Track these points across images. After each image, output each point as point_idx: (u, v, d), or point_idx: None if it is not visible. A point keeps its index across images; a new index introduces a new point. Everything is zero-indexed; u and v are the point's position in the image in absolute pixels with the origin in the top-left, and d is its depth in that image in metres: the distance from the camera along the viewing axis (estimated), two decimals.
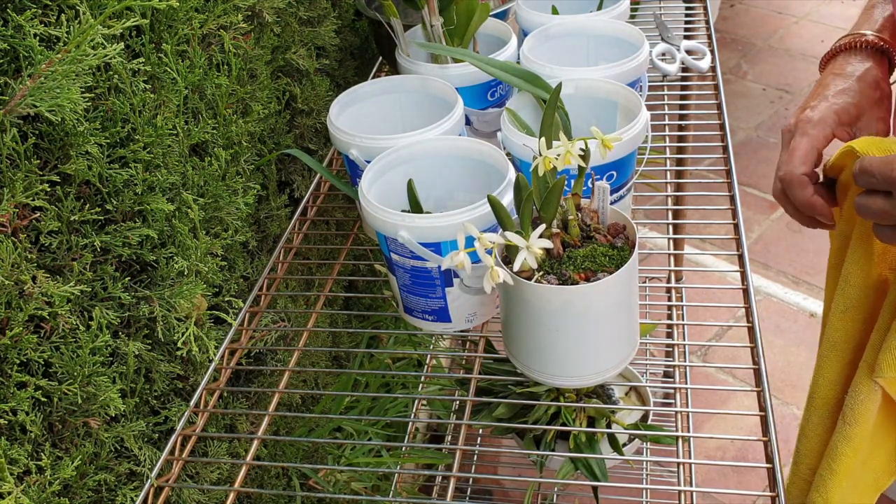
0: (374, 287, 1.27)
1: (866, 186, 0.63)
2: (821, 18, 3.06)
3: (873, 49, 0.76)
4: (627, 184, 0.82)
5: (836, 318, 0.75)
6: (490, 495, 1.63)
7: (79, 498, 0.65)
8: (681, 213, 1.51)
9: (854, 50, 0.77)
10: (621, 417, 1.17)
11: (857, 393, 0.73)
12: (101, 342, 0.63)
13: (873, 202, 0.63)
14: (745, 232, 0.85)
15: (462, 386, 1.19)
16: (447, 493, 0.68)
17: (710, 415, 1.66)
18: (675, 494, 0.68)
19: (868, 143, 0.66)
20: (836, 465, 0.75)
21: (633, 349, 0.71)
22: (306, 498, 1.00)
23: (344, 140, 0.82)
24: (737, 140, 2.49)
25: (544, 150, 0.63)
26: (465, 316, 0.77)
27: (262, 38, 0.89)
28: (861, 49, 0.77)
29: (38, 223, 0.60)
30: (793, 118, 0.74)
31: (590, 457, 1.00)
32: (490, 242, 0.61)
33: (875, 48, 0.76)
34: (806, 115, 0.73)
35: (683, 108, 1.40)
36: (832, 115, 0.72)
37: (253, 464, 0.75)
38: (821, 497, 0.77)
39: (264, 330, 0.86)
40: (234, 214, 0.82)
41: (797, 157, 0.71)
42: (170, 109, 0.72)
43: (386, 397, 1.11)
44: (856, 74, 0.75)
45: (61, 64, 0.56)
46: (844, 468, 0.75)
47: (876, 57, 0.76)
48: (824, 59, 0.80)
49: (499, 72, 0.83)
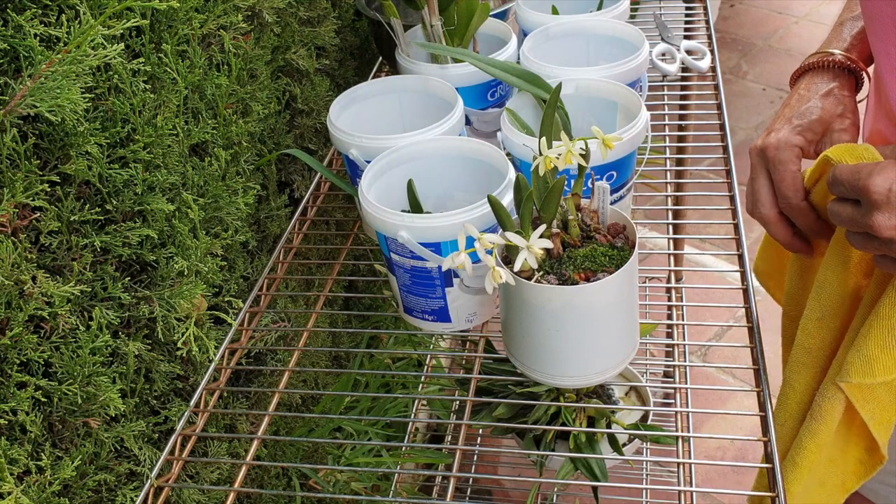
0: (374, 287, 1.27)
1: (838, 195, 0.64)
2: (821, 18, 3.06)
3: (840, 68, 0.77)
4: (627, 184, 0.82)
5: (812, 325, 0.76)
6: (490, 495, 1.63)
7: (79, 498, 0.65)
8: (681, 213, 1.51)
9: (821, 69, 0.78)
10: (621, 417, 1.17)
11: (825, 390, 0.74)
12: (101, 342, 0.63)
13: (843, 209, 0.64)
14: (745, 232, 0.85)
15: (462, 386, 1.19)
16: (447, 493, 0.68)
17: (710, 415, 1.66)
18: (675, 494, 0.68)
19: (841, 150, 0.67)
20: (799, 459, 0.76)
21: (633, 349, 0.71)
22: (306, 498, 1.00)
23: (344, 140, 0.82)
24: (737, 140, 2.49)
25: (545, 149, 0.63)
26: (465, 316, 0.77)
27: (262, 38, 0.89)
28: (828, 69, 0.78)
29: (38, 223, 0.60)
30: (759, 140, 0.75)
31: (590, 457, 1.00)
32: (490, 243, 0.61)
33: (842, 68, 0.77)
34: (771, 139, 0.74)
35: (683, 108, 1.40)
36: (797, 137, 0.74)
37: (253, 464, 0.75)
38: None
39: (264, 330, 0.86)
40: (234, 214, 0.82)
41: (788, 189, 0.72)
42: (170, 109, 0.72)
43: (386, 397, 1.11)
44: (819, 93, 0.76)
45: (61, 64, 0.56)
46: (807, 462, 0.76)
47: (842, 76, 0.77)
48: (793, 76, 0.81)
49: (499, 72, 0.83)
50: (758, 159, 0.75)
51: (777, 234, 0.76)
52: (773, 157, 0.73)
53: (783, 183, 0.72)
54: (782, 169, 0.73)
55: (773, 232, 0.76)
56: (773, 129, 0.75)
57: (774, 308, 0.90)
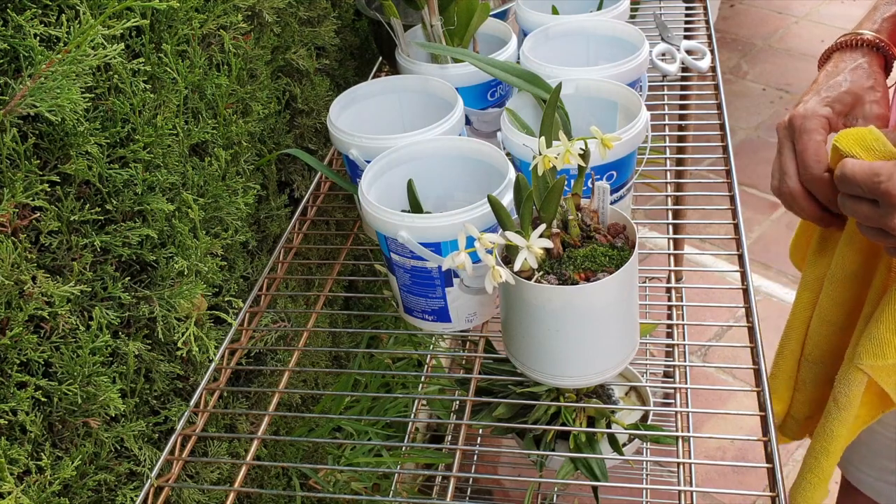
0: (374, 287, 1.27)
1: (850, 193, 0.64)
2: (821, 18, 3.06)
3: (869, 47, 0.76)
4: (627, 184, 0.82)
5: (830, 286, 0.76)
6: (490, 495, 1.63)
7: (79, 498, 0.65)
8: (681, 213, 1.51)
9: (850, 48, 0.77)
10: (621, 417, 1.17)
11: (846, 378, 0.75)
12: (101, 342, 0.63)
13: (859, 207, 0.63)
14: (745, 232, 0.85)
15: (462, 386, 1.19)
16: (447, 493, 0.68)
17: (710, 415, 1.66)
18: (675, 494, 0.68)
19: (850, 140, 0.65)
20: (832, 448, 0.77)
21: (633, 349, 0.71)
22: (306, 498, 1.00)
23: (344, 140, 0.82)
24: (737, 140, 2.49)
25: (544, 149, 0.63)
26: (465, 316, 0.77)
27: (262, 38, 0.89)
28: (857, 47, 0.77)
29: (38, 223, 0.60)
30: (787, 116, 0.74)
31: (590, 457, 1.00)
32: (491, 242, 0.61)
33: (871, 46, 0.76)
34: (799, 109, 0.72)
35: (683, 108, 1.40)
36: (825, 108, 0.72)
37: (253, 464, 0.75)
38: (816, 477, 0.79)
39: (264, 330, 0.86)
40: (234, 214, 0.82)
41: (810, 158, 0.70)
42: (170, 109, 0.72)
43: (386, 397, 1.11)
44: (847, 68, 0.75)
45: (61, 64, 0.56)
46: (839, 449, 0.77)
47: (872, 54, 0.76)
48: (822, 58, 0.80)
49: (499, 72, 0.83)
50: (784, 132, 0.73)
51: (805, 209, 0.73)
52: (799, 126, 0.71)
53: (805, 152, 0.70)
54: (806, 138, 0.70)
55: (800, 207, 0.73)
56: (801, 102, 0.73)
57: (775, 308, 0.90)
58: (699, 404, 1.64)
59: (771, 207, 2.25)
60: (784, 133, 0.73)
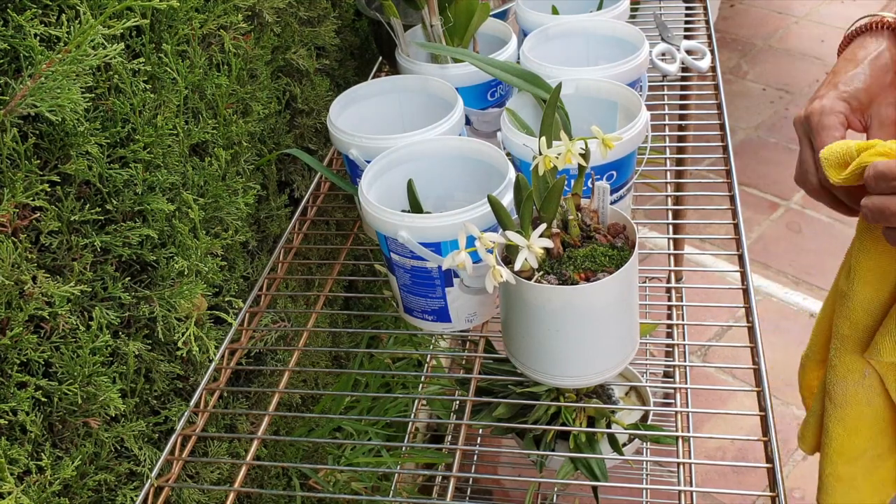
0: (374, 287, 1.27)
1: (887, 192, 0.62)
2: (821, 18, 3.06)
3: (891, 30, 0.75)
4: (627, 184, 0.82)
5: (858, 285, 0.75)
6: (490, 495, 1.63)
7: (79, 498, 0.65)
8: (681, 213, 1.51)
9: (871, 32, 0.75)
10: (621, 417, 1.17)
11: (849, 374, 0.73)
12: (101, 342, 0.63)
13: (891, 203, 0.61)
14: (745, 232, 0.85)
15: (462, 386, 1.19)
16: (447, 493, 0.68)
17: (710, 415, 1.66)
18: (675, 494, 0.68)
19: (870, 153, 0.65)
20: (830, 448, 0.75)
21: (633, 349, 0.71)
22: (306, 498, 1.00)
23: (344, 140, 0.82)
24: (737, 140, 2.49)
25: (544, 149, 0.63)
26: (465, 316, 0.77)
27: (262, 38, 0.89)
28: (878, 30, 0.75)
29: (39, 223, 0.60)
30: (804, 109, 0.73)
31: (590, 457, 1.00)
32: (491, 242, 0.61)
33: (893, 29, 0.75)
34: (815, 105, 0.72)
35: (683, 108, 1.40)
36: (842, 104, 0.71)
37: (253, 464, 0.75)
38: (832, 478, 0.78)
39: (264, 330, 0.86)
40: (234, 214, 0.82)
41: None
42: (170, 109, 0.72)
43: (386, 397, 1.11)
44: (868, 58, 0.73)
45: (61, 64, 0.56)
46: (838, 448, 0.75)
47: (893, 38, 0.74)
48: (842, 43, 0.78)
49: (499, 72, 0.83)
50: (802, 128, 0.72)
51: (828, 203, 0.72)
52: (817, 124, 0.70)
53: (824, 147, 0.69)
54: (825, 135, 0.69)
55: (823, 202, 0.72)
56: (818, 96, 0.72)
57: (775, 308, 0.90)
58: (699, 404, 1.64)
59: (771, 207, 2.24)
60: (802, 129, 0.73)
